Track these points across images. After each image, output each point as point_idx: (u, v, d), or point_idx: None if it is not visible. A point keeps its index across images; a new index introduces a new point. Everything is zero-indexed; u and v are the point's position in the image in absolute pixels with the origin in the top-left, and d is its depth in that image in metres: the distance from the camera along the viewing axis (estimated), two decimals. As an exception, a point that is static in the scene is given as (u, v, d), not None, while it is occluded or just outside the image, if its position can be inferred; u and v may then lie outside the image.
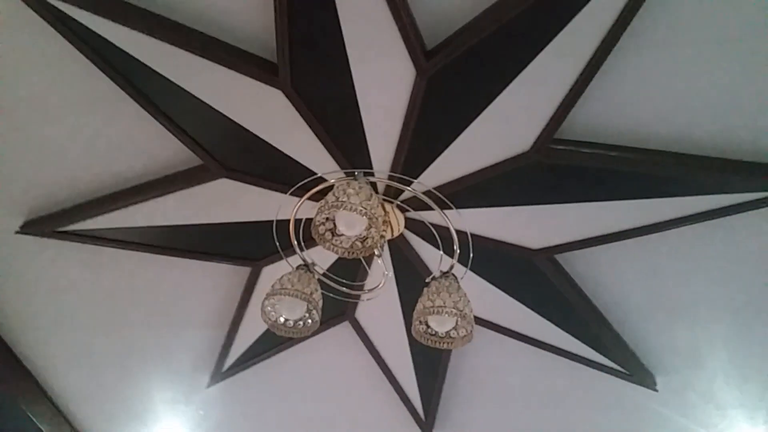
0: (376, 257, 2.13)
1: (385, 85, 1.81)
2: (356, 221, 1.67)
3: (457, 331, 1.90)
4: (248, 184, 2.13)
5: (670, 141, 1.87)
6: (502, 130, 1.89)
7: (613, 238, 2.12)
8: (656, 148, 1.89)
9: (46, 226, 2.29)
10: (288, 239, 2.08)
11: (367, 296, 2.15)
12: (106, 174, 2.20)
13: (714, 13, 1.61)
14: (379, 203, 1.70)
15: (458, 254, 1.95)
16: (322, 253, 2.10)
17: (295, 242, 2.03)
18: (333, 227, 1.76)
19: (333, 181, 1.98)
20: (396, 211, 2.08)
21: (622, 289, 2.41)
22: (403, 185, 1.95)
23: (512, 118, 1.85)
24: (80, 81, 1.96)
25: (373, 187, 1.85)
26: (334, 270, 2.18)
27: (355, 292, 2.21)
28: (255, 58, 1.84)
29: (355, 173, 1.77)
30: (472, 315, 1.81)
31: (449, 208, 1.94)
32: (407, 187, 1.95)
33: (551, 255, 2.24)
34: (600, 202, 2.02)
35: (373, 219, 1.63)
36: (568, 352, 2.56)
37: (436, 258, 2.28)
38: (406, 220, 2.14)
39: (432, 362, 2.71)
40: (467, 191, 2.06)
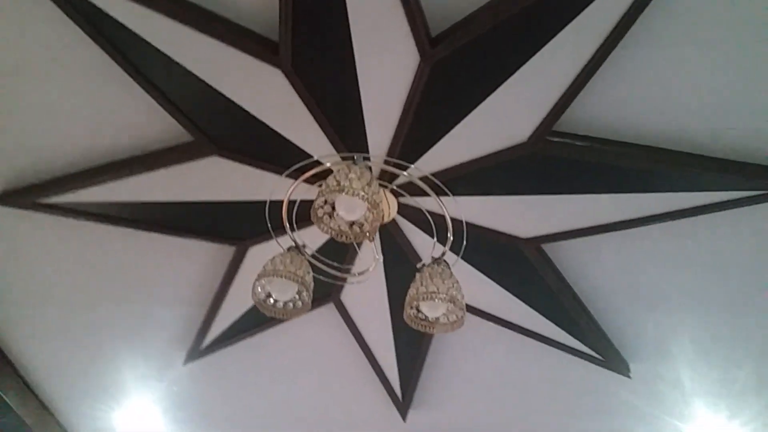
0: (369, 241, 2.13)
1: (388, 69, 1.79)
2: (356, 206, 1.66)
3: (448, 316, 1.92)
4: (239, 163, 2.09)
5: (663, 138, 1.91)
6: (501, 120, 1.89)
7: (601, 230, 2.16)
8: (649, 144, 1.93)
9: (25, 197, 2.21)
10: (277, 221, 2.07)
11: (357, 279, 2.15)
12: (91, 146, 2.13)
13: (717, 14, 1.63)
14: (379, 189, 1.70)
15: (451, 241, 1.97)
16: (310, 234, 2.10)
17: (287, 224, 2.02)
18: (331, 211, 1.75)
19: (329, 164, 1.97)
20: (389, 195, 2.08)
21: (602, 278, 2.46)
22: (399, 170, 1.95)
23: (512, 109, 1.86)
24: (68, 49, 1.88)
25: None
26: (323, 252, 2.17)
27: (345, 275, 2.21)
28: (254, 35, 1.79)
29: (354, 157, 1.76)
30: (463, 301, 1.83)
31: (445, 195, 1.94)
32: (403, 172, 1.95)
33: (539, 244, 2.28)
34: (591, 194, 2.06)
35: (373, 204, 1.63)
36: (547, 338, 2.62)
37: (426, 243, 2.30)
38: (398, 206, 2.14)
39: (413, 345, 2.73)
40: (461, 179, 2.07)
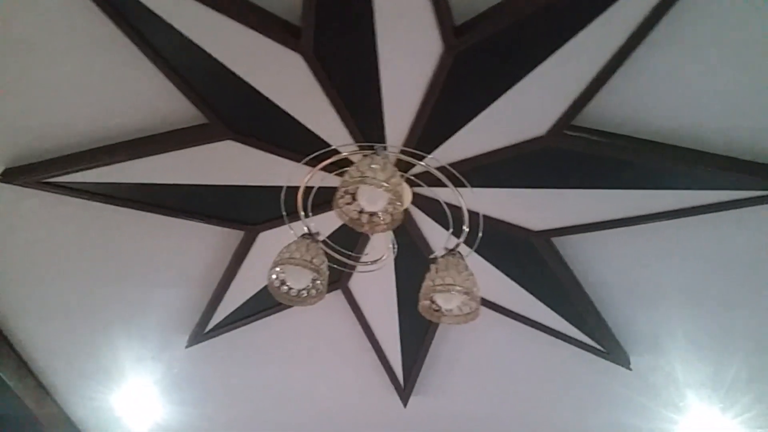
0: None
1: (410, 58, 1.77)
2: (379, 197, 1.66)
3: (461, 308, 1.93)
4: (254, 147, 2.06)
5: (678, 136, 1.91)
6: (520, 113, 1.89)
7: (611, 225, 2.18)
8: (664, 141, 1.93)
9: (30, 175, 2.17)
10: (289, 207, 2.06)
11: (370, 268, 2.15)
12: (101, 125, 2.09)
13: (738, 16, 1.63)
14: (401, 180, 1.69)
15: (467, 233, 1.97)
16: (322, 221, 2.09)
17: (302, 212, 2.01)
18: (351, 200, 1.73)
19: (346, 154, 1.96)
20: (405, 185, 2.07)
21: (607, 272, 2.48)
22: (417, 160, 1.94)
23: (532, 103, 1.85)
24: (82, 24, 1.82)
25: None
26: (334, 238, 2.16)
27: (359, 263, 2.21)
28: (275, 18, 1.75)
29: (375, 147, 1.75)
30: (479, 294, 1.84)
31: (462, 186, 1.93)
32: (420, 162, 1.94)
33: (549, 237, 2.28)
34: (604, 189, 2.06)
35: (397, 196, 1.62)
36: (550, 329, 2.64)
37: (436, 233, 2.30)
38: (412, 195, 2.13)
39: (418, 334, 2.75)
40: (476, 170, 2.06)
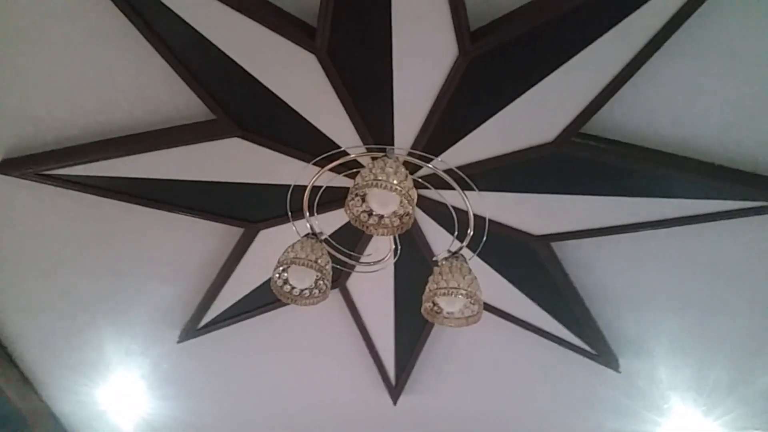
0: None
1: (425, 61, 1.77)
2: (390, 200, 1.66)
3: (463, 311, 1.95)
4: (261, 146, 2.05)
5: (682, 145, 1.96)
6: (530, 119, 1.91)
7: (611, 231, 2.22)
8: (668, 150, 1.97)
9: (28, 166, 2.13)
10: (292, 206, 2.05)
11: (372, 269, 2.15)
12: (105, 118, 2.06)
13: (750, 31, 1.68)
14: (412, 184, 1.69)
15: (471, 236, 1.99)
16: (324, 221, 2.09)
17: (307, 212, 2.00)
18: (361, 202, 1.74)
19: (354, 155, 1.96)
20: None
21: (602, 277, 2.53)
22: (425, 162, 1.94)
23: (542, 109, 1.88)
24: (90, 15, 1.80)
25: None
26: (335, 238, 2.16)
27: (360, 263, 2.21)
28: (291, 17, 1.75)
29: (386, 150, 1.75)
30: (482, 298, 1.86)
31: (470, 189, 1.95)
32: (428, 165, 1.94)
33: (549, 242, 2.32)
34: (606, 196, 2.10)
35: (409, 199, 1.63)
36: (543, 330, 2.68)
37: (438, 235, 2.32)
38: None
39: (413, 333, 2.77)
40: (482, 174, 2.08)
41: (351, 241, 2.31)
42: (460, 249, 1.94)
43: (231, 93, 1.93)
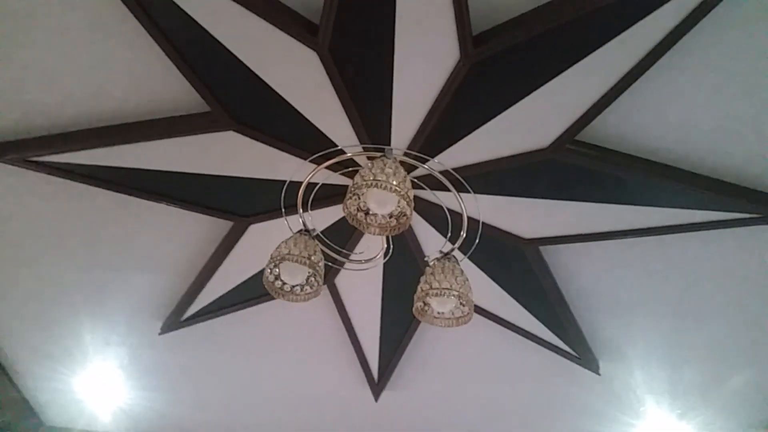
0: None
1: (426, 63, 1.78)
2: (388, 200, 1.67)
3: (454, 312, 1.96)
4: (256, 140, 2.04)
5: (673, 156, 2.00)
6: (526, 125, 1.93)
7: (599, 237, 2.26)
8: (659, 160, 2.01)
9: (18, 152, 2.08)
10: (284, 202, 2.05)
11: (363, 267, 2.15)
12: (98, 106, 2.02)
13: (746, 48, 1.72)
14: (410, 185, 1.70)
15: (464, 238, 2.01)
16: (316, 218, 2.08)
17: (301, 209, 2.00)
18: (359, 201, 1.74)
19: (350, 154, 1.96)
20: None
21: (586, 282, 2.57)
22: (421, 164, 1.95)
23: (539, 116, 1.89)
24: (86, 1, 1.76)
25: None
26: (326, 235, 2.16)
27: (351, 261, 2.21)
28: (294, 13, 1.74)
29: (385, 150, 1.76)
30: (473, 299, 1.88)
31: (465, 191, 1.96)
32: (423, 165, 1.95)
33: (538, 246, 2.34)
34: (597, 203, 2.13)
35: (408, 200, 1.63)
36: (527, 332, 2.71)
37: (429, 236, 2.33)
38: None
39: (398, 331, 2.78)
40: (475, 177, 2.09)
41: (341, 238, 2.31)
42: (452, 250, 1.96)
43: (228, 86, 1.92)
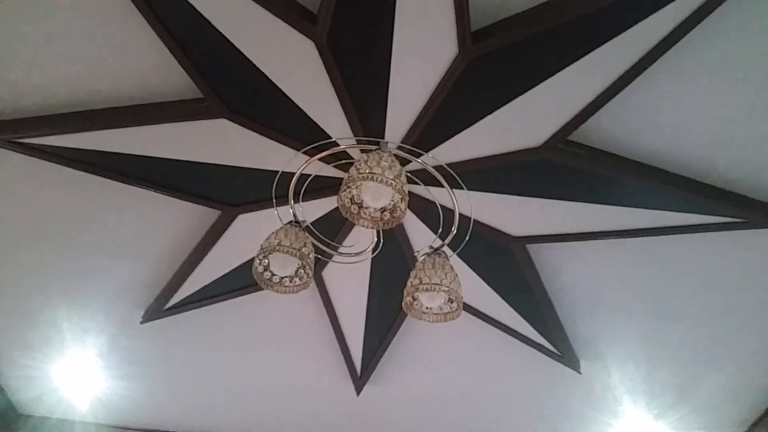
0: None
1: (424, 58, 1.77)
2: (383, 194, 1.66)
3: (443, 308, 1.97)
4: (248, 129, 2.01)
5: (663, 159, 2.03)
6: (520, 123, 1.93)
7: (586, 237, 2.28)
8: (649, 163, 2.03)
9: (1, 132, 2.02)
10: (274, 192, 2.03)
11: (353, 260, 2.14)
12: (86, 88, 1.98)
13: (740, 54, 1.74)
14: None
15: (454, 234, 2.01)
16: (306, 209, 2.07)
17: (292, 200, 1.99)
18: (353, 194, 1.73)
19: (344, 147, 1.95)
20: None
21: (570, 280, 2.59)
22: (414, 157, 1.94)
23: (533, 114, 1.90)
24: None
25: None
26: (315, 226, 2.15)
27: (340, 253, 2.20)
28: (293, 2, 1.72)
29: (380, 143, 1.75)
30: (462, 295, 1.88)
31: (458, 188, 1.96)
32: (418, 159, 1.94)
33: (525, 244, 2.36)
34: (586, 203, 2.15)
35: (403, 195, 1.63)
36: (512, 329, 2.73)
37: (419, 231, 2.33)
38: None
39: (383, 326, 2.78)
40: (467, 174, 2.08)
41: (331, 231, 2.30)
42: (442, 246, 1.96)
43: (222, 73, 1.89)
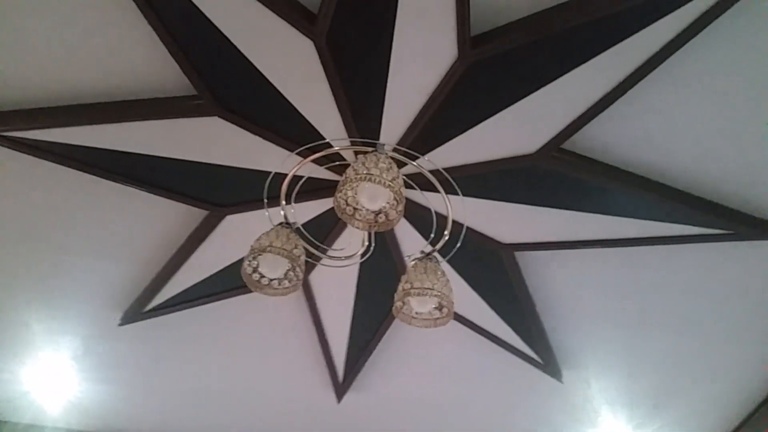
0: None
1: (423, 61, 1.77)
2: (380, 195, 1.65)
3: (433, 313, 1.95)
4: (241, 128, 1.98)
5: (654, 170, 2.05)
6: (515, 129, 1.94)
7: (576, 245, 2.30)
8: (640, 173, 2.06)
9: (-19, 126, 1.97)
10: (266, 193, 2.00)
11: (343, 263, 2.12)
12: (76, 82, 1.93)
13: (734, 71, 1.78)
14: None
15: (446, 239, 2.00)
16: (295, 211, 2.04)
17: (284, 201, 1.96)
18: (349, 195, 1.71)
19: (338, 148, 1.94)
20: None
21: (554, 289, 2.61)
22: (410, 160, 1.94)
23: (528, 121, 1.91)
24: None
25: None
26: (305, 230, 2.12)
27: (329, 256, 2.18)
28: (293, 0, 1.70)
29: (377, 145, 1.74)
30: (453, 300, 1.87)
31: (452, 193, 1.95)
32: (413, 162, 1.93)
33: (514, 251, 2.37)
34: (577, 212, 2.17)
35: (399, 197, 1.62)
36: (496, 337, 2.73)
37: (408, 235, 2.32)
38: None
39: (368, 332, 2.75)
40: (460, 179, 2.08)
41: (320, 234, 2.28)
42: (434, 251, 1.95)
43: (217, 70, 1.86)
